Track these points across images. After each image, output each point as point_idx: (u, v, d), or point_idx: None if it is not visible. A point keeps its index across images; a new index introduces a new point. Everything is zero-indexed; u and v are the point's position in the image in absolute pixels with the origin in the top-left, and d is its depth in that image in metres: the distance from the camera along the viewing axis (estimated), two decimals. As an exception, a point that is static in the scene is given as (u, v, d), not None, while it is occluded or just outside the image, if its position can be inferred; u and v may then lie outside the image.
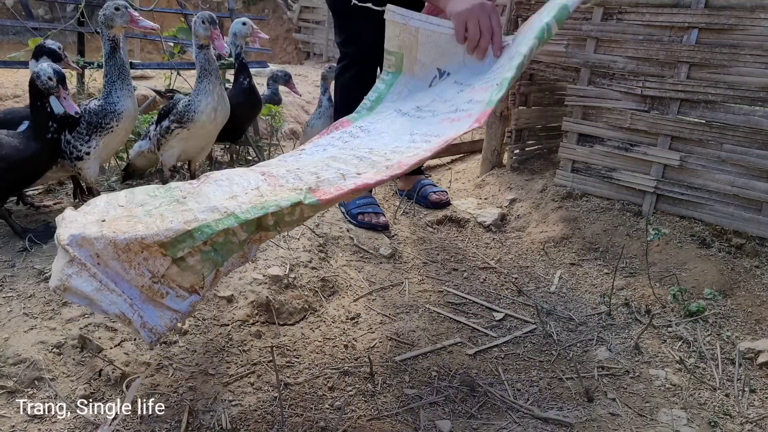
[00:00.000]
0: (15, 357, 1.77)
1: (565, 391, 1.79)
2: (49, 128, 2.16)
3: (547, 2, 2.03)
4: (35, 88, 2.12)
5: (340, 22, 2.87)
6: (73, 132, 2.30)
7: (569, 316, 2.15)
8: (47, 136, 2.15)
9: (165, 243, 1.26)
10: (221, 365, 1.89)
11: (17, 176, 2.19)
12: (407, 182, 3.24)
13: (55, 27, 3.74)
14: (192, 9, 5.54)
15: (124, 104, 2.33)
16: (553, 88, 3.70)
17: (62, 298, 1.48)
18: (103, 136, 2.32)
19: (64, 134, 2.29)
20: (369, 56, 2.86)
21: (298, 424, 1.65)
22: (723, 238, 2.60)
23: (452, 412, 1.71)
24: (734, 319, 2.15)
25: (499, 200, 3.26)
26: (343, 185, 1.40)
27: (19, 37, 8.80)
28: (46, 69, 2.11)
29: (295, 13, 10.93)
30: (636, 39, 2.81)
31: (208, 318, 2.10)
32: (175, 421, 1.65)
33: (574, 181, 3.12)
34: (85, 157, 2.31)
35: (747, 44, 2.48)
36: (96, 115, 2.31)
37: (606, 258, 2.63)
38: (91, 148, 2.31)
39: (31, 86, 2.13)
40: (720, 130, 2.60)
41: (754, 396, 1.79)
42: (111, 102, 2.31)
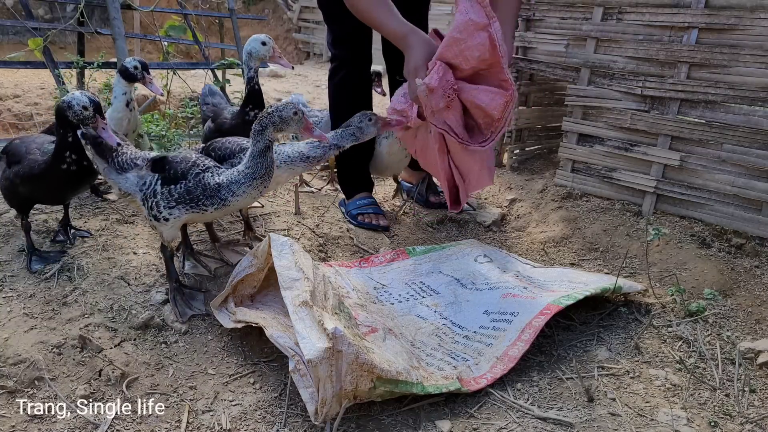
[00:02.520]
0: (15, 357, 1.77)
1: (565, 391, 1.79)
2: (65, 159, 1.97)
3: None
4: (65, 118, 1.92)
5: (330, 24, 2.86)
6: (166, 184, 1.91)
7: (569, 315, 2.15)
8: (62, 166, 1.97)
9: (381, 376, 1.61)
10: (221, 365, 1.89)
11: (33, 194, 2.10)
12: (412, 176, 3.25)
13: (55, 27, 3.74)
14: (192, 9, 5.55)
15: (239, 200, 1.91)
16: (553, 88, 3.70)
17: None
18: (190, 212, 1.92)
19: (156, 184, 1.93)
20: (359, 58, 2.85)
21: (298, 424, 1.65)
22: (723, 238, 2.60)
23: (452, 412, 1.71)
24: (734, 319, 2.15)
25: (499, 200, 3.26)
26: (479, 379, 1.79)
27: (19, 37, 8.80)
28: (79, 98, 1.90)
29: (295, 13, 10.92)
30: (636, 39, 2.81)
31: (207, 318, 2.10)
32: (175, 421, 1.65)
33: (574, 181, 3.12)
34: (162, 222, 1.94)
35: (747, 44, 2.48)
36: (204, 189, 1.88)
37: (606, 258, 2.63)
38: (172, 216, 1.92)
39: (60, 115, 1.94)
40: (720, 130, 2.60)
41: (754, 396, 1.79)
42: (230, 191, 1.87)
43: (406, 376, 1.67)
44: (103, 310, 2.00)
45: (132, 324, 1.96)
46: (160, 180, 1.92)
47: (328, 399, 1.57)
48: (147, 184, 1.94)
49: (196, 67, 4.53)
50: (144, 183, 1.95)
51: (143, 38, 6.92)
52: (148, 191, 1.93)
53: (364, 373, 1.59)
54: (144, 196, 1.95)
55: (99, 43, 7.04)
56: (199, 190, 1.87)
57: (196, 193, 1.87)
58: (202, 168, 1.90)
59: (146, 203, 1.94)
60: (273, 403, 1.72)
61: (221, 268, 2.28)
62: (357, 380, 1.58)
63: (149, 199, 1.93)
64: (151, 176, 1.94)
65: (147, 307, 2.04)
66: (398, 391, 1.66)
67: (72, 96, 1.92)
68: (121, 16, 3.86)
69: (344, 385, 1.58)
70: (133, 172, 1.97)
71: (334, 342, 1.56)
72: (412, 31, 1.94)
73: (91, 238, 2.40)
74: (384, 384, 1.63)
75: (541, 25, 3.23)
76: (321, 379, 1.55)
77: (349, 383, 1.58)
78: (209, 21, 8.41)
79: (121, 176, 1.98)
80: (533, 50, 3.29)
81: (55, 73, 3.56)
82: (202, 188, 1.87)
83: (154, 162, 1.95)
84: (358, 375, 1.58)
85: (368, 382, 1.60)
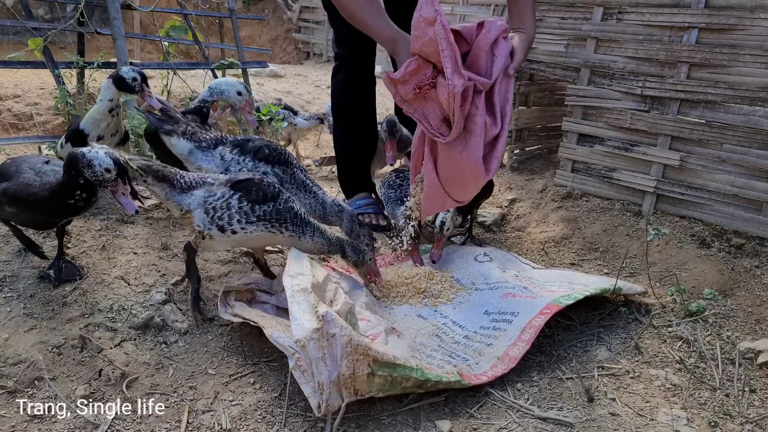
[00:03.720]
0: (15, 357, 1.77)
1: (565, 391, 1.79)
2: (74, 195, 1.85)
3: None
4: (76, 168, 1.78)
5: (334, 23, 2.86)
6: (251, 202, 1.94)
7: (569, 315, 2.15)
8: (69, 201, 1.87)
9: (377, 359, 1.60)
10: (221, 365, 1.89)
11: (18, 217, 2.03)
12: None
13: (55, 27, 3.74)
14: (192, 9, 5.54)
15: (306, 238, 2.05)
16: (553, 88, 3.70)
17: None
18: (266, 231, 1.97)
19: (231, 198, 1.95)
20: (362, 57, 2.84)
21: (298, 424, 1.65)
22: (723, 238, 2.60)
23: (452, 412, 1.71)
24: (734, 319, 2.15)
25: (499, 200, 3.26)
26: (480, 376, 1.81)
27: (19, 37, 8.81)
28: (103, 158, 1.75)
29: (295, 13, 10.93)
30: (636, 39, 2.81)
31: (208, 318, 2.10)
32: (175, 421, 1.65)
33: (574, 181, 3.12)
34: (227, 234, 1.95)
35: (747, 44, 2.48)
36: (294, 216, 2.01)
37: (606, 258, 2.63)
38: (245, 230, 1.94)
39: (73, 163, 1.78)
40: (720, 130, 2.60)
41: (754, 396, 1.79)
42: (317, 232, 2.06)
43: (405, 362, 1.66)
44: (103, 310, 2.00)
45: (132, 324, 1.96)
46: (243, 197, 1.95)
47: (324, 383, 1.55)
48: (218, 196, 1.95)
49: (196, 67, 4.52)
50: (213, 195, 1.96)
51: (143, 38, 6.92)
52: (218, 202, 1.94)
53: (360, 357, 1.58)
54: (210, 207, 1.94)
55: (99, 43, 7.04)
56: (290, 214, 2.00)
57: (285, 216, 1.98)
58: (288, 196, 2.04)
59: (210, 213, 1.94)
60: (273, 403, 1.72)
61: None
62: (354, 364, 1.57)
63: (218, 210, 1.93)
64: (225, 190, 1.96)
65: (147, 307, 2.04)
66: (397, 377, 1.64)
67: (95, 154, 1.76)
68: (121, 16, 3.85)
69: (342, 371, 1.56)
70: (201, 189, 1.98)
71: (323, 324, 1.56)
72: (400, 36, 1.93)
73: (91, 239, 2.40)
74: (382, 368, 1.61)
75: (541, 25, 3.23)
76: (312, 360, 1.55)
77: (346, 368, 1.57)
78: (209, 21, 8.41)
79: (186, 194, 1.97)
80: (533, 50, 3.29)
81: (55, 73, 3.56)
82: (292, 214, 2.00)
83: (238, 182, 1.99)
84: (354, 359, 1.57)
85: (365, 367, 1.59)
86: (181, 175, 2.00)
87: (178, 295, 2.16)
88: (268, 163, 2.27)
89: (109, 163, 1.75)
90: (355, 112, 2.84)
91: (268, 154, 2.28)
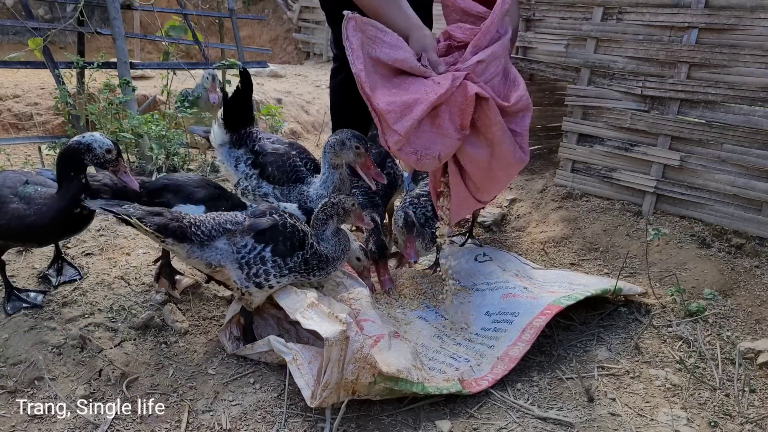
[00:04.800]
0: (15, 357, 1.77)
1: (565, 391, 1.79)
2: (79, 203, 1.76)
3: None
4: (76, 158, 1.73)
5: (333, 24, 2.86)
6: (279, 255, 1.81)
7: (569, 315, 2.15)
8: (75, 210, 1.76)
9: (381, 372, 1.63)
10: (221, 365, 1.89)
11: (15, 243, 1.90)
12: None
13: (55, 27, 3.74)
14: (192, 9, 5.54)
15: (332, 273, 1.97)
16: (553, 88, 3.70)
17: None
18: (298, 279, 1.88)
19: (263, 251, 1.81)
20: None
21: (297, 424, 1.65)
22: (723, 238, 2.60)
23: (452, 412, 1.71)
24: (734, 319, 2.15)
25: (499, 200, 3.26)
26: (480, 380, 1.81)
27: (19, 37, 8.81)
28: (101, 140, 1.75)
29: (295, 13, 10.92)
30: (636, 39, 2.81)
31: (207, 318, 2.10)
32: (175, 421, 1.65)
33: (574, 181, 3.11)
34: (265, 289, 1.83)
35: (747, 44, 2.48)
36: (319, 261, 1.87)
37: (606, 258, 2.63)
38: (280, 283, 1.84)
39: (71, 156, 1.74)
40: (720, 130, 2.60)
41: (754, 396, 1.79)
42: (334, 265, 1.93)
43: (407, 375, 1.68)
44: (103, 310, 2.00)
45: (132, 324, 1.96)
46: (273, 249, 1.81)
47: (331, 383, 1.58)
48: (249, 248, 1.80)
49: (196, 67, 4.53)
50: (244, 247, 1.80)
51: (143, 38, 6.92)
52: (252, 257, 1.79)
53: (366, 366, 1.60)
54: (245, 263, 1.79)
55: (99, 43, 7.04)
56: (315, 260, 1.87)
57: (312, 264, 1.86)
58: (312, 238, 1.89)
59: (246, 270, 1.80)
60: (273, 403, 1.72)
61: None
62: (359, 371, 1.60)
63: (253, 266, 1.79)
64: (252, 242, 1.81)
65: (147, 307, 2.04)
66: (398, 389, 1.67)
67: (92, 137, 1.74)
68: (121, 16, 3.85)
69: (346, 374, 1.59)
70: (222, 239, 1.81)
71: (347, 327, 1.59)
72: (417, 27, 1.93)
73: (91, 239, 2.40)
74: (384, 380, 1.64)
75: (541, 25, 3.23)
76: (332, 360, 1.57)
77: (351, 373, 1.59)
78: (209, 21, 8.41)
79: (209, 248, 1.79)
80: (533, 50, 3.29)
81: (55, 73, 3.56)
82: (317, 259, 1.88)
83: (260, 231, 1.82)
84: (360, 366, 1.60)
85: (369, 376, 1.61)
86: (197, 225, 1.80)
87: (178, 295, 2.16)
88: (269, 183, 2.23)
89: (109, 143, 1.75)
90: (352, 114, 2.83)
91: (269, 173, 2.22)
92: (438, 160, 1.85)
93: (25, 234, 1.76)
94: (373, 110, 1.75)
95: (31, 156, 3.65)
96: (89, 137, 1.75)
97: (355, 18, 1.77)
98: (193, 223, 1.79)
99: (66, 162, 1.74)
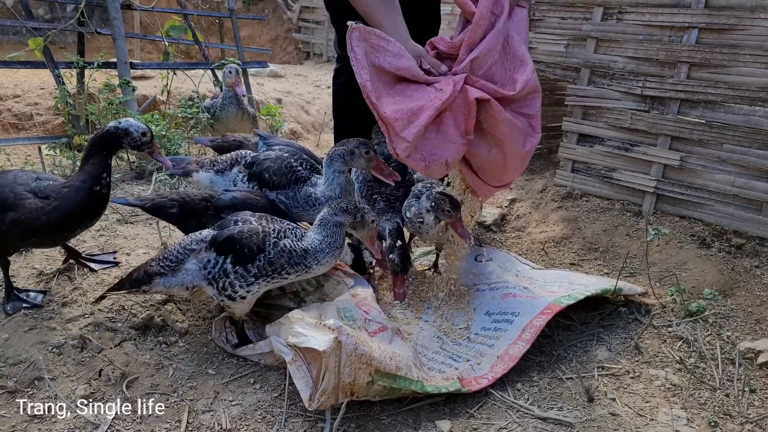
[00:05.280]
0: (15, 357, 1.77)
1: (565, 391, 1.79)
2: (100, 180, 1.85)
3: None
4: (115, 140, 1.86)
5: (337, 25, 2.86)
6: (241, 263, 1.77)
7: (569, 315, 2.15)
8: (96, 188, 1.85)
9: (379, 369, 1.63)
10: (221, 365, 1.89)
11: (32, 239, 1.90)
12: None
13: (55, 27, 3.74)
14: (192, 9, 5.55)
15: (320, 269, 1.88)
16: (553, 88, 3.70)
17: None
18: (271, 283, 1.83)
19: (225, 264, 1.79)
20: None
21: (298, 424, 1.65)
22: (723, 238, 2.60)
23: (452, 412, 1.71)
24: (734, 319, 2.15)
25: (499, 200, 3.26)
26: (480, 379, 1.80)
27: (19, 37, 8.81)
28: (136, 124, 1.88)
29: (295, 13, 10.92)
30: (636, 39, 2.81)
31: (207, 318, 2.10)
32: (175, 421, 1.65)
33: (574, 181, 3.12)
34: (238, 300, 1.82)
35: (747, 44, 2.48)
36: (290, 257, 1.79)
37: (606, 258, 2.63)
38: (250, 293, 1.80)
39: (109, 138, 1.86)
40: (720, 130, 2.60)
41: (754, 396, 1.79)
42: (315, 259, 1.82)
43: (407, 372, 1.68)
44: (103, 310, 2.00)
45: (132, 324, 1.96)
46: (231, 259, 1.77)
47: (328, 390, 1.58)
48: (212, 263, 1.79)
49: (196, 67, 4.53)
50: (209, 262, 1.79)
51: (143, 38, 6.92)
52: (216, 271, 1.78)
53: (363, 366, 1.60)
54: (212, 278, 1.79)
55: (99, 43, 7.04)
56: (283, 258, 1.78)
57: (280, 263, 1.78)
58: (276, 235, 1.80)
59: (215, 284, 1.80)
60: (273, 403, 1.72)
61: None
62: (355, 372, 1.59)
63: (219, 280, 1.78)
64: (213, 255, 1.79)
65: (147, 307, 2.04)
66: (396, 387, 1.66)
67: (128, 122, 1.88)
68: (121, 16, 3.86)
69: (342, 377, 1.58)
70: (191, 260, 1.81)
71: (337, 333, 1.59)
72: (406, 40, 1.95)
73: (91, 239, 2.40)
74: (382, 378, 1.63)
75: (541, 25, 3.23)
76: (329, 368, 1.57)
77: (348, 375, 1.59)
78: (209, 21, 8.42)
79: (180, 273, 1.81)
80: (533, 50, 3.29)
81: (55, 73, 3.56)
82: (287, 256, 1.79)
83: (219, 244, 1.79)
84: (357, 367, 1.59)
85: (366, 376, 1.61)
86: (161, 258, 1.85)
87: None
88: (271, 189, 2.18)
89: (144, 127, 1.88)
90: (355, 115, 2.83)
91: (268, 179, 2.17)
92: (446, 166, 1.86)
93: (46, 226, 1.82)
94: (380, 118, 1.76)
95: (31, 156, 3.65)
96: (125, 122, 1.88)
97: (359, 28, 1.79)
98: (156, 258, 1.86)
99: (101, 143, 1.86)
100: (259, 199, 2.07)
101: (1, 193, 1.84)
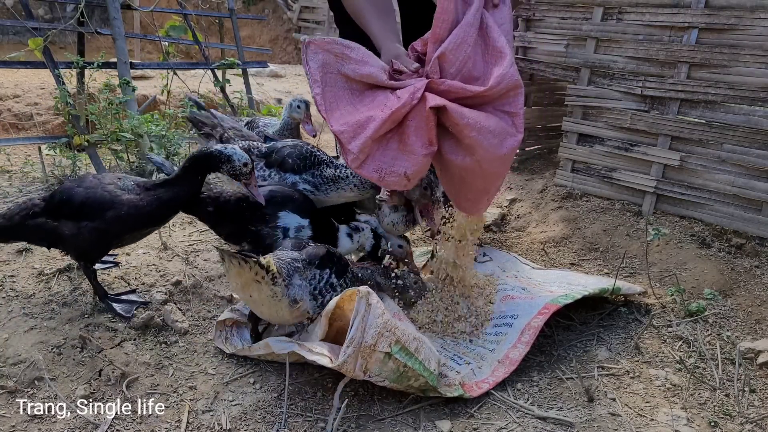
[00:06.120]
0: (15, 357, 1.77)
1: (565, 391, 1.79)
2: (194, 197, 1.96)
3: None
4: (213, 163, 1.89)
5: (340, 24, 2.86)
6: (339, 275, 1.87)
7: (569, 315, 2.15)
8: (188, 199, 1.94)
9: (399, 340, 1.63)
10: (221, 365, 1.89)
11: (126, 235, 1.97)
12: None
13: (55, 27, 3.74)
14: (192, 9, 5.54)
15: None
16: (553, 88, 3.70)
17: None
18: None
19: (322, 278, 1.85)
20: None
21: (298, 424, 1.65)
22: (723, 238, 2.60)
23: (452, 412, 1.71)
24: (734, 319, 2.15)
25: (499, 200, 3.26)
26: (481, 383, 1.81)
27: (19, 37, 8.80)
28: (239, 153, 1.88)
29: (295, 13, 10.92)
30: (636, 39, 2.81)
31: (207, 318, 2.10)
32: (175, 421, 1.65)
33: (574, 181, 3.12)
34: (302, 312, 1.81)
35: (747, 44, 2.48)
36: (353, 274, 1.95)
37: (606, 258, 2.63)
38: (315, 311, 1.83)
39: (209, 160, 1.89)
40: (720, 130, 2.61)
41: (754, 396, 1.79)
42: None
43: (424, 359, 1.68)
44: (103, 310, 2.00)
45: (132, 324, 1.96)
46: (336, 272, 1.87)
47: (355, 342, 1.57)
48: (318, 279, 1.83)
49: (196, 67, 4.53)
50: (314, 279, 1.82)
51: (143, 38, 6.92)
52: (323, 286, 1.83)
53: (386, 332, 1.61)
54: (317, 293, 1.82)
55: (99, 43, 7.04)
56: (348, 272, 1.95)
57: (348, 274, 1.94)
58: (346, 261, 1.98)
59: (320, 299, 1.82)
60: (273, 403, 1.72)
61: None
62: (378, 337, 1.59)
63: (325, 294, 1.82)
64: (318, 272, 1.83)
65: (147, 307, 2.04)
66: (410, 368, 1.64)
67: (233, 150, 1.89)
68: (121, 16, 3.85)
69: (366, 338, 1.58)
70: (296, 276, 1.79)
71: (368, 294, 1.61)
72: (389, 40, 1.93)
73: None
74: (401, 352, 1.63)
75: (541, 25, 3.23)
76: (359, 314, 1.58)
77: (371, 337, 1.58)
78: (209, 21, 8.41)
79: (292, 288, 1.77)
80: (533, 50, 3.29)
81: (55, 73, 3.56)
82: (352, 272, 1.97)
83: (322, 259, 1.85)
84: (380, 333, 1.59)
85: (386, 345, 1.61)
86: (279, 272, 1.74)
87: (178, 295, 2.16)
88: (295, 173, 2.19)
89: (247, 158, 1.88)
90: None
91: (291, 164, 2.19)
92: (405, 178, 1.80)
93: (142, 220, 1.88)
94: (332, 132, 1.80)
95: (31, 156, 3.64)
96: (231, 149, 1.89)
97: (314, 41, 1.81)
98: (277, 271, 1.73)
99: (201, 164, 1.90)
100: (294, 193, 2.11)
101: (95, 194, 1.88)
